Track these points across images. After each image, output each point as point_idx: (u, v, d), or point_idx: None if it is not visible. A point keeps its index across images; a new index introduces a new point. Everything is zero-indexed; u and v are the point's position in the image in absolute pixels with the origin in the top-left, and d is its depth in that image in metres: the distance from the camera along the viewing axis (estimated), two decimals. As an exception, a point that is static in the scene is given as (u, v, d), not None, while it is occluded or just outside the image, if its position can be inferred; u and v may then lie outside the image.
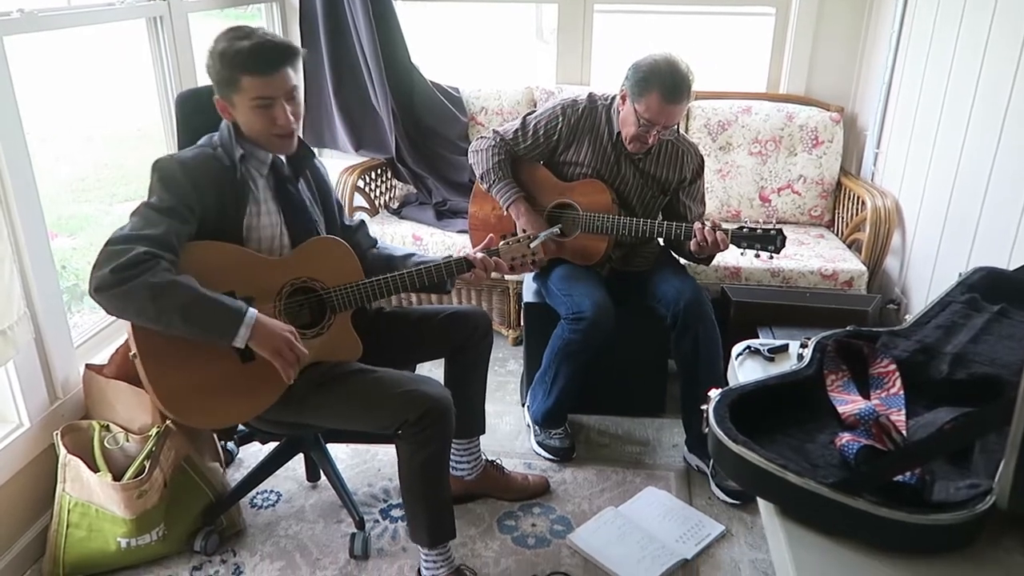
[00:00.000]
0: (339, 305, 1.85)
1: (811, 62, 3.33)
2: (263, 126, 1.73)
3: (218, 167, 1.74)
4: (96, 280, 1.56)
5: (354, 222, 2.10)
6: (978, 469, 1.11)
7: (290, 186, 1.86)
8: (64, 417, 2.05)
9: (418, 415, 1.74)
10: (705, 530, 2.14)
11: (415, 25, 3.45)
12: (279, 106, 1.71)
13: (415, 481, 1.84)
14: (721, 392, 1.26)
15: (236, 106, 1.72)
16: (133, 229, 1.62)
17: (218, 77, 1.70)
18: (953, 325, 1.44)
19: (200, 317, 1.60)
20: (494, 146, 2.42)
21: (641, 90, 2.18)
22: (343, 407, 1.81)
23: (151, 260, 1.57)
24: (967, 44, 2.45)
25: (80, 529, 1.95)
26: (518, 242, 2.00)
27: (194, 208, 1.68)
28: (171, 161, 1.71)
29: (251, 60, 1.66)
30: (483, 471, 2.24)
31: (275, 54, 1.68)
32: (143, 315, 1.59)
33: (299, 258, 1.83)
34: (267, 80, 1.68)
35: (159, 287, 1.55)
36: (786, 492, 1.09)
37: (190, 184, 1.68)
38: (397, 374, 1.84)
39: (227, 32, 1.69)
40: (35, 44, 2.12)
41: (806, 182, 3.20)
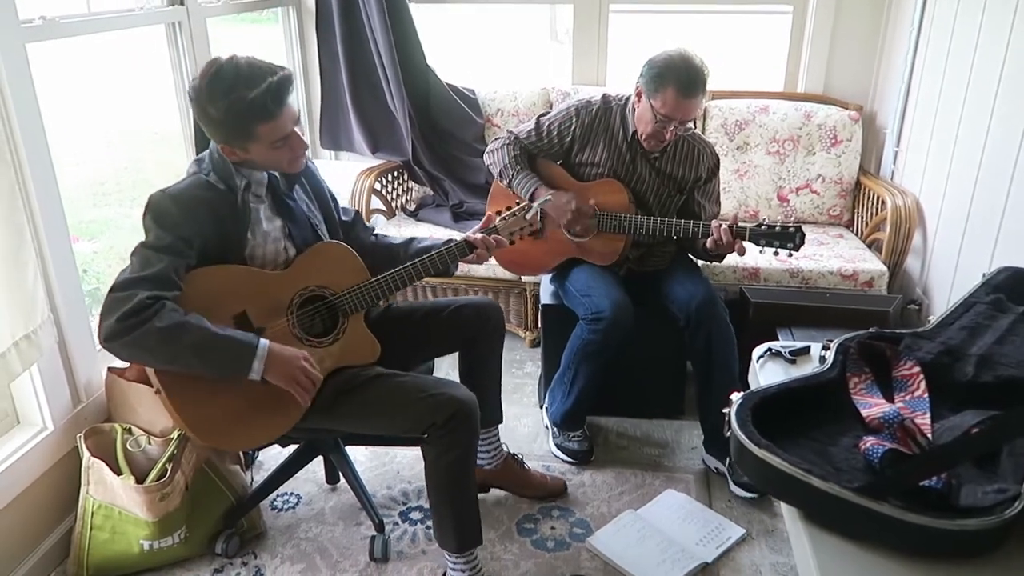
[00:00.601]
0: (350, 308, 1.85)
1: (829, 60, 3.30)
2: (282, 159, 1.73)
3: (213, 194, 1.71)
4: (105, 331, 1.56)
5: (349, 215, 2.08)
6: (1006, 473, 1.10)
7: (288, 199, 1.84)
8: (87, 420, 2.07)
9: (445, 418, 1.74)
10: (725, 533, 2.13)
11: (430, 27, 3.45)
12: (294, 136, 1.71)
13: (442, 484, 1.84)
14: (743, 395, 1.25)
15: (251, 151, 1.68)
16: (133, 272, 1.61)
17: (227, 130, 1.64)
18: (978, 326, 1.42)
19: (213, 356, 1.61)
20: (508, 144, 2.43)
21: (657, 86, 2.17)
22: (370, 413, 1.81)
23: (155, 304, 1.57)
24: (989, 39, 2.42)
25: (104, 531, 1.96)
26: (514, 215, 2.01)
27: (191, 240, 1.66)
28: (163, 197, 1.67)
29: (264, 110, 1.61)
30: (504, 463, 2.24)
31: (282, 92, 1.63)
32: (158, 360, 1.61)
33: (303, 267, 1.82)
34: (281, 120, 1.65)
35: (167, 331, 1.55)
36: (810, 496, 1.08)
37: (184, 217, 1.65)
38: (422, 378, 1.84)
39: (218, 79, 1.59)
40: (55, 49, 2.14)
41: (825, 181, 3.17)
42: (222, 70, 1.60)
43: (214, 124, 1.64)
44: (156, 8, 2.51)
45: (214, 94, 1.60)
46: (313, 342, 1.81)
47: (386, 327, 1.97)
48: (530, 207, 2.03)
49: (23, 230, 1.80)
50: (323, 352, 1.81)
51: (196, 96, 1.63)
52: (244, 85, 1.59)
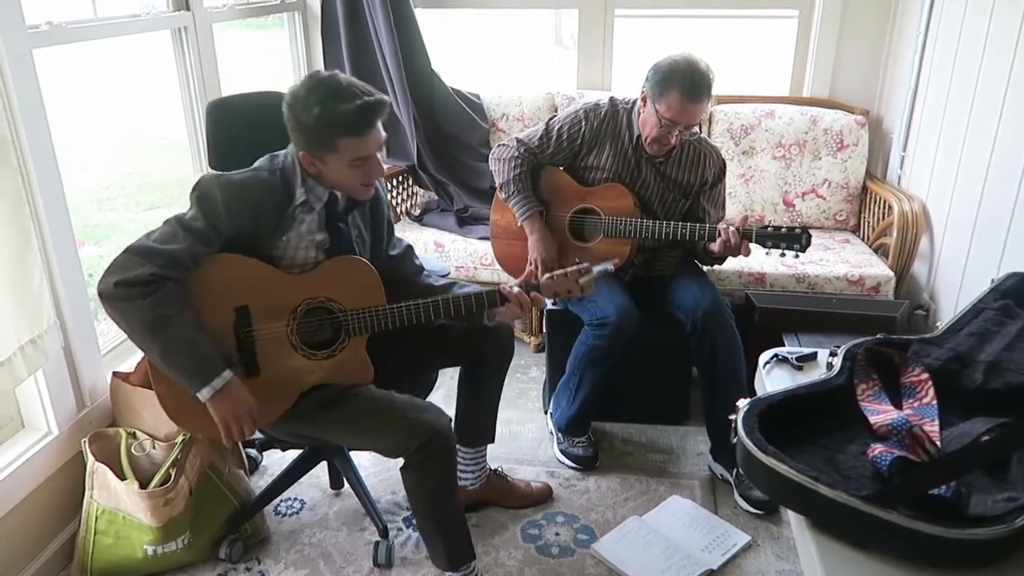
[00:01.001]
0: (354, 328, 1.81)
1: (835, 64, 3.29)
2: (356, 180, 1.74)
3: (265, 193, 1.72)
4: (102, 284, 1.60)
5: (400, 248, 2.04)
6: (1016, 481, 1.09)
7: (340, 222, 1.84)
8: (92, 425, 2.07)
9: (417, 444, 1.72)
10: (731, 540, 2.12)
11: (435, 32, 3.46)
12: (373, 160, 1.72)
13: (425, 509, 1.83)
14: (750, 402, 1.24)
15: (328, 164, 1.70)
16: (156, 241, 1.64)
17: (312, 138, 1.66)
18: (986, 332, 1.41)
19: (175, 360, 1.62)
20: (516, 157, 2.41)
21: (662, 90, 2.17)
22: (347, 428, 1.81)
23: (157, 283, 1.59)
24: (997, 42, 2.41)
25: (107, 536, 1.96)
26: (565, 276, 1.83)
27: (223, 232, 1.68)
28: (214, 182, 1.68)
29: (353, 124, 1.64)
30: (487, 480, 2.23)
31: (371, 113, 1.66)
32: (131, 333, 1.63)
33: (320, 277, 1.80)
34: (366, 140, 1.67)
35: (152, 317, 1.58)
36: (817, 504, 1.07)
37: (226, 210, 1.66)
38: (401, 400, 1.80)
39: (317, 88, 1.64)
40: (62, 54, 2.14)
41: (831, 186, 3.16)
42: (322, 81, 1.65)
43: (302, 129, 1.66)
44: (162, 14, 2.52)
45: (310, 100, 1.63)
46: (307, 352, 1.79)
47: (397, 336, 1.94)
48: (588, 271, 1.83)
49: (29, 235, 1.80)
50: (314, 364, 1.79)
51: (292, 101, 1.66)
52: (340, 98, 1.62)
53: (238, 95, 2.21)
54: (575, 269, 1.84)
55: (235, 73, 3.53)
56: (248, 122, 2.14)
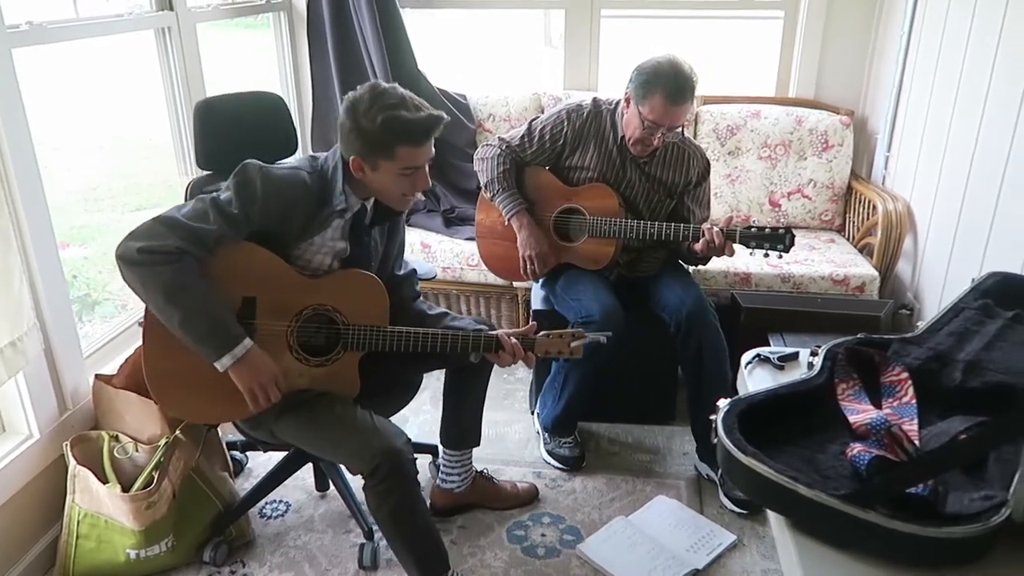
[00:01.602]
0: (353, 343, 1.81)
1: (820, 65, 3.31)
2: (400, 191, 1.77)
3: (302, 193, 1.74)
4: (123, 248, 1.61)
5: (406, 267, 2.07)
6: (993, 480, 1.09)
7: (364, 234, 1.86)
8: (74, 428, 2.05)
9: (370, 470, 1.73)
10: (716, 540, 2.12)
11: (422, 32, 3.45)
12: (421, 172, 1.76)
13: (390, 529, 1.83)
14: (730, 402, 1.24)
15: (380, 169, 1.72)
16: (186, 216, 1.65)
17: (371, 141, 1.68)
18: (966, 332, 1.42)
19: (195, 327, 1.63)
20: (500, 155, 2.42)
21: (645, 92, 2.17)
22: (305, 437, 1.83)
23: (179, 254, 1.61)
24: (978, 44, 2.43)
25: (90, 540, 1.95)
26: (559, 337, 1.89)
27: (253, 222, 1.70)
28: (257, 172, 1.70)
29: (415, 134, 1.68)
30: (472, 482, 2.23)
31: (433, 126, 1.70)
32: (149, 300, 1.64)
33: (330, 285, 1.80)
34: (421, 150, 1.72)
35: (173, 284, 1.60)
36: (797, 504, 1.07)
37: (263, 202, 1.69)
38: (358, 418, 1.79)
39: (383, 96, 1.67)
40: (48, 55, 2.13)
41: (816, 186, 3.17)
42: (388, 91, 1.69)
43: (361, 133, 1.68)
44: (145, 13, 2.50)
45: (375, 106, 1.66)
46: (302, 357, 1.79)
47: None
48: (582, 336, 1.89)
49: (8, 236, 1.79)
50: (305, 369, 1.80)
51: (355, 104, 1.68)
52: (405, 108, 1.67)
53: (225, 95, 2.21)
54: (570, 332, 1.90)
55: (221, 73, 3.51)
56: (236, 122, 2.14)
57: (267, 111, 2.22)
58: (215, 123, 2.10)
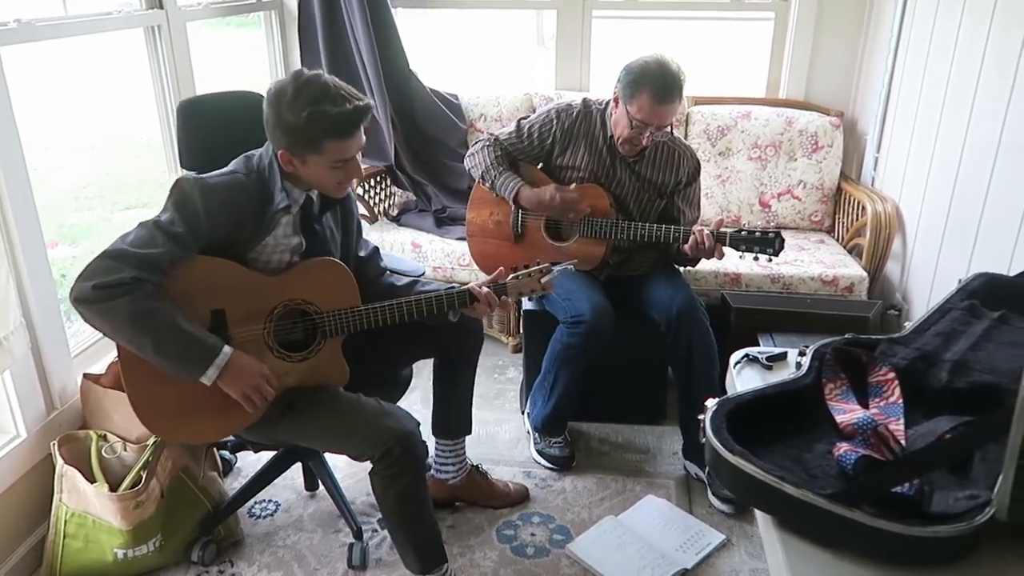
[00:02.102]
0: (331, 330, 1.80)
1: (810, 66, 3.32)
2: (334, 181, 1.74)
3: (243, 197, 1.70)
4: (77, 290, 1.55)
5: (368, 248, 2.05)
6: (978, 479, 1.10)
7: (316, 224, 1.83)
8: (61, 427, 2.04)
9: (381, 452, 1.73)
10: (705, 539, 2.13)
11: (414, 32, 3.45)
12: (353, 163, 1.73)
13: (393, 514, 1.84)
14: (718, 401, 1.25)
15: (309, 164, 1.69)
16: (132, 245, 1.59)
17: (297, 138, 1.65)
18: (953, 332, 1.43)
19: (172, 349, 1.59)
20: (489, 146, 2.43)
21: (633, 91, 2.18)
22: (313, 433, 1.81)
23: (135, 284, 1.56)
24: (966, 48, 2.44)
25: (77, 540, 1.94)
26: (529, 276, 1.89)
27: (202, 236, 1.65)
28: (193, 187, 1.65)
29: (342, 128, 1.64)
30: (468, 475, 2.23)
31: (360, 117, 1.67)
32: (116, 333, 1.59)
33: (296, 279, 1.78)
34: (350, 142, 1.68)
35: (137, 312, 1.55)
36: (784, 503, 1.07)
37: (205, 214, 1.64)
38: (364, 404, 1.80)
39: (306, 89, 1.62)
40: (39, 52, 2.11)
41: (806, 187, 3.19)
42: (311, 81, 1.63)
43: (286, 128, 1.64)
44: (135, 12, 2.49)
45: (297, 100, 1.61)
46: (284, 355, 1.78)
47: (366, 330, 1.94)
48: (549, 270, 1.90)
49: (-5, 235, 1.78)
50: (290, 367, 1.78)
51: (278, 97, 1.64)
52: (331, 101, 1.62)
53: (210, 94, 2.20)
54: (537, 269, 1.90)
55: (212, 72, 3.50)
56: (221, 122, 2.12)
57: (253, 111, 2.21)
58: (200, 123, 2.09)
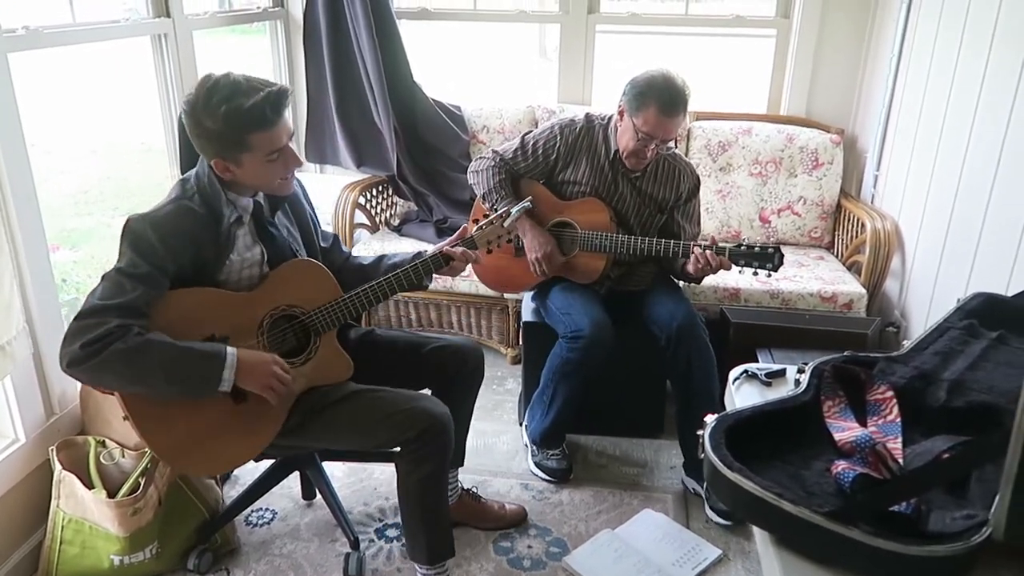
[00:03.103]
0: (322, 327, 1.81)
1: (812, 84, 3.34)
2: (274, 175, 1.71)
3: (194, 220, 1.66)
4: (67, 356, 1.52)
5: (328, 239, 2.04)
6: (975, 499, 1.10)
7: (271, 227, 1.81)
8: (60, 432, 2.04)
9: (418, 432, 1.75)
10: (702, 554, 2.13)
11: (418, 44, 3.47)
12: (288, 151, 1.70)
13: (414, 498, 1.84)
14: (717, 417, 1.25)
15: (244, 164, 1.65)
16: (102, 298, 1.56)
17: (223, 140, 1.61)
18: (951, 351, 1.43)
19: (181, 372, 1.57)
20: (494, 166, 2.43)
21: (639, 104, 2.20)
22: (342, 431, 1.80)
23: (121, 330, 1.53)
24: (967, 67, 2.46)
25: (73, 546, 1.94)
26: (491, 224, 1.98)
27: (168, 269, 1.62)
28: (143, 224, 1.61)
29: (261, 117, 1.60)
30: (459, 500, 2.22)
31: (278, 102, 1.62)
32: (122, 381, 1.57)
33: (273, 286, 1.78)
34: (276, 131, 1.64)
35: (133, 351, 1.52)
36: (781, 520, 1.08)
37: (163, 247, 1.60)
38: (396, 392, 1.83)
39: (216, 90, 1.59)
40: (43, 58, 2.13)
41: (806, 203, 3.20)
42: (219, 82, 1.60)
43: (208, 135, 1.61)
44: (142, 20, 2.51)
45: (210, 103, 1.58)
46: (285, 361, 1.79)
47: (366, 353, 1.95)
48: (508, 214, 2.00)
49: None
50: (295, 372, 1.78)
51: (191, 108, 1.61)
52: (242, 94, 1.59)
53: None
54: (498, 215, 2.01)
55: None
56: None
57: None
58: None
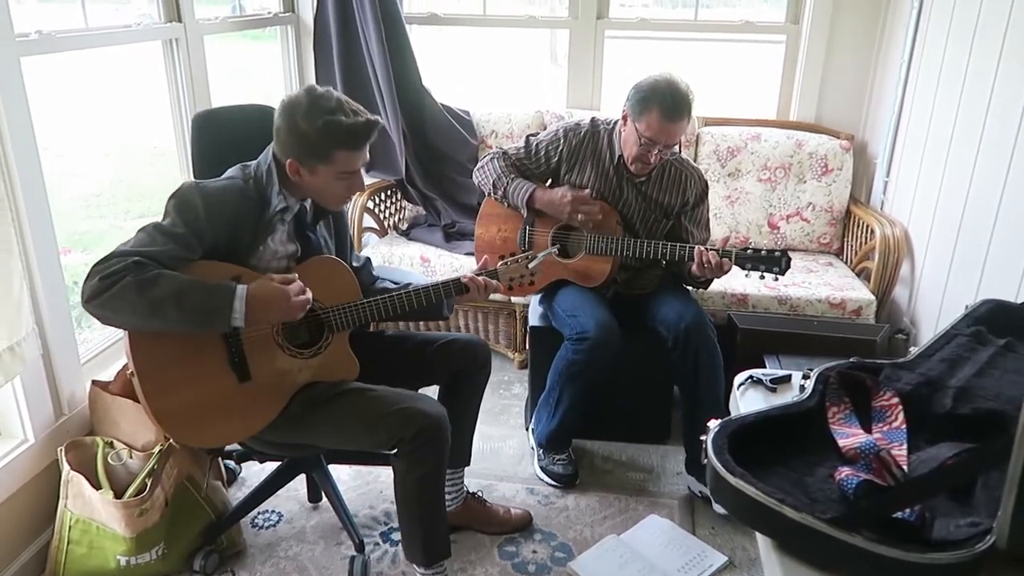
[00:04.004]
0: (337, 325, 1.85)
1: (821, 89, 3.33)
2: (338, 193, 1.79)
3: (242, 202, 1.73)
4: (87, 290, 1.56)
5: (360, 260, 2.10)
6: (979, 507, 1.09)
7: (309, 232, 1.88)
8: (69, 433, 2.06)
9: (413, 432, 1.75)
10: (707, 561, 2.12)
11: (427, 48, 3.49)
12: (358, 176, 1.78)
13: (411, 499, 1.84)
14: (720, 423, 1.25)
15: (317, 174, 1.73)
16: (133, 245, 1.62)
17: (309, 145, 1.69)
18: (958, 358, 1.42)
19: (193, 301, 1.59)
20: (498, 157, 2.46)
21: (642, 109, 2.20)
22: (339, 426, 1.81)
23: (137, 266, 1.57)
24: (977, 73, 2.45)
25: (80, 546, 1.95)
26: (516, 262, 1.99)
27: (204, 239, 1.68)
28: (194, 190, 1.69)
29: (352, 138, 1.70)
30: (464, 503, 2.21)
31: (370, 131, 1.73)
32: (136, 312, 1.57)
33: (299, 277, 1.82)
34: (358, 155, 1.74)
35: (147, 280, 1.55)
36: (784, 526, 1.07)
37: (206, 217, 1.67)
38: (393, 392, 1.84)
39: (320, 100, 1.68)
40: (56, 61, 2.15)
41: (815, 209, 3.19)
42: (325, 95, 1.70)
43: (298, 136, 1.69)
44: (153, 25, 2.53)
45: (314, 109, 1.67)
46: (294, 352, 1.81)
47: (374, 352, 1.97)
48: (534, 257, 1.99)
49: (10, 241, 1.80)
50: (302, 363, 1.82)
51: (291, 108, 1.69)
52: (343, 113, 1.69)
53: (225, 107, 2.23)
54: (523, 256, 2.00)
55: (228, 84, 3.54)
56: (234, 134, 2.14)
57: (266, 124, 2.24)
58: (214, 134, 2.11)
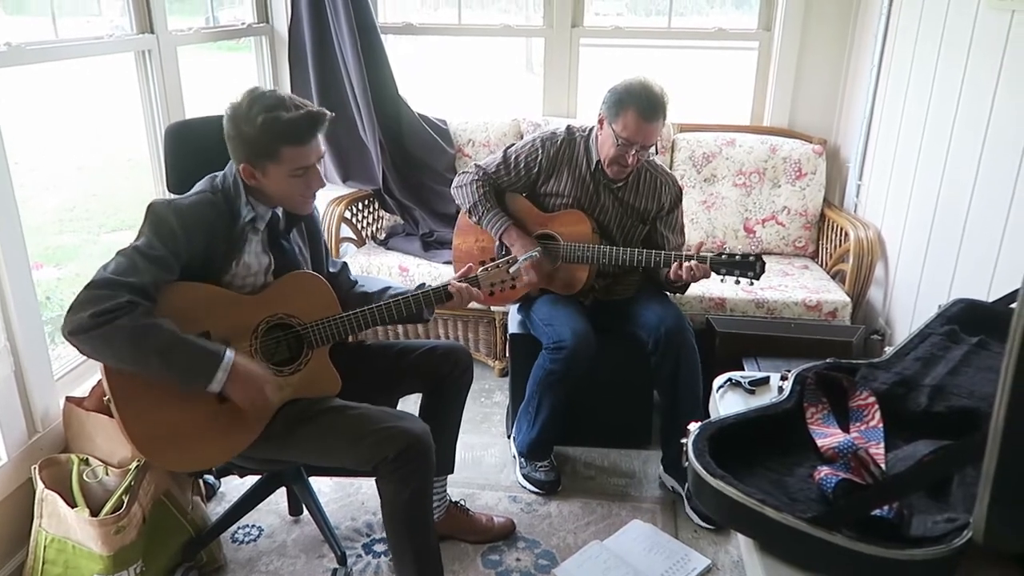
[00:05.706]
0: (316, 340, 1.83)
1: (794, 95, 3.38)
2: (296, 191, 1.76)
3: (214, 215, 1.72)
4: (73, 323, 1.53)
5: (337, 265, 2.08)
6: (956, 502, 1.11)
7: (283, 240, 1.86)
8: (43, 451, 2.02)
9: (397, 452, 1.73)
10: (691, 564, 2.12)
11: (403, 58, 3.49)
12: (313, 171, 1.75)
13: (400, 520, 1.82)
14: (701, 425, 1.26)
15: (269, 174, 1.71)
16: (117, 272, 1.58)
17: (255, 147, 1.68)
18: (932, 357, 1.44)
19: (179, 360, 1.58)
20: (477, 180, 2.44)
21: (618, 110, 2.22)
22: (322, 444, 1.79)
23: (131, 306, 1.55)
24: (945, 77, 2.50)
25: (56, 566, 1.91)
26: (497, 267, 1.98)
27: (181, 256, 1.66)
28: (167, 208, 1.67)
29: (295, 132, 1.67)
30: (447, 512, 2.20)
31: (314, 123, 1.70)
32: (120, 357, 1.57)
33: (275, 294, 1.80)
34: (307, 149, 1.71)
35: (139, 330, 1.54)
36: (765, 527, 1.08)
37: (182, 233, 1.65)
38: (376, 410, 1.82)
39: (260, 100, 1.66)
40: (28, 74, 2.12)
41: (790, 213, 3.22)
42: (265, 93, 1.68)
43: (243, 140, 1.68)
44: (125, 36, 2.51)
45: (253, 110, 1.66)
46: (274, 370, 1.79)
47: (357, 363, 1.96)
48: (514, 261, 2.00)
49: (-20, 257, 1.77)
50: (283, 381, 1.79)
51: (234, 112, 1.69)
52: (283, 108, 1.66)
53: (198, 118, 2.20)
54: (504, 260, 2.00)
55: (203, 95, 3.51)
56: (208, 145, 2.12)
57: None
58: (188, 146, 2.09)
